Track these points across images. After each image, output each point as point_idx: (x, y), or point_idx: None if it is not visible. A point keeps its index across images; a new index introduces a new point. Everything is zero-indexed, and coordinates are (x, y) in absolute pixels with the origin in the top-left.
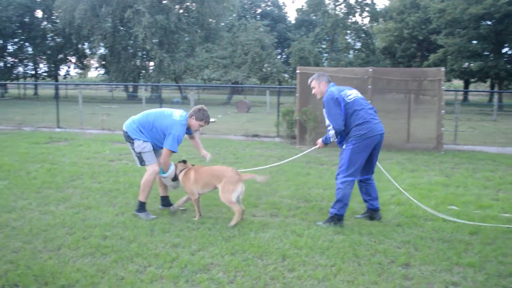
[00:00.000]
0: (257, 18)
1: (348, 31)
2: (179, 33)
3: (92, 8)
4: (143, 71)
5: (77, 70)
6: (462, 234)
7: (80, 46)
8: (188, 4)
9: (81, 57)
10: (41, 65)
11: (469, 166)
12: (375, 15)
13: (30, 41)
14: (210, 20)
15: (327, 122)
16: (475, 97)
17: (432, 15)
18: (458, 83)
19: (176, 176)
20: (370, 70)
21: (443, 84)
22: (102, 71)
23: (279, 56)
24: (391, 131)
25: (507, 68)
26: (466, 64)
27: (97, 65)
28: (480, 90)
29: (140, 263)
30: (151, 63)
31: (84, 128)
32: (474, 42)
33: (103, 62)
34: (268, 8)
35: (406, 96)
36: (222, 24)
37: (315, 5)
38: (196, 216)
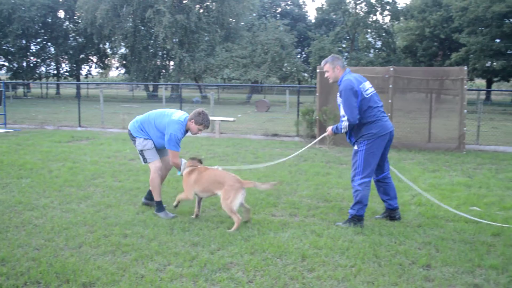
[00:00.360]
0: (277, 17)
1: (369, 30)
2: (199, 33)
3: (113, 8)
4: (163, 71)
5: (98, 70)
6: (485, 236)
7: (101, 46)
8: (208, 3)
9: (102, 57)
10: (63, 65)
11: (492, 167)
12: (396, 14)
13: (53, 41)
14: (230, 19)
15: (342, 112)
16: (498, 97)
17: (454, 13)
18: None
19: None
20: (391, 69)
21: (466, 83)
22: (123, 71)
23: (299, 55)
24: (412, 131)
25: None
26: (488, 63)
27: (118, 64)
28: (503, 89)
29: (160, 262)
30: (171, 63)
31: (105, 127)
32: (497, 40)
33: (124, 62)
34: (288, 7)
35: (427, 95)
36: (242, 23)
37: (336, 4)
38: (174, 202)
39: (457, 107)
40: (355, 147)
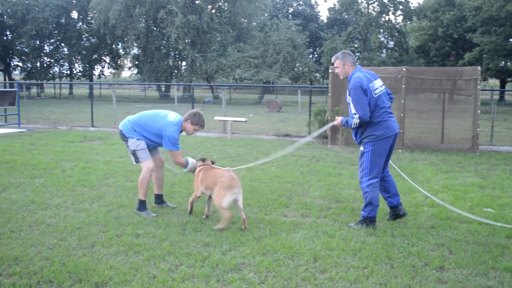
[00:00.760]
0: (289, 18)
1: (381, 30)
2: (211, 33)
3: (126, 8)
4: (176, 71)
5: (111, 70)
6: (499, 238)
7: (114, 46)
8: (220, 4)
9: (115, 57)
10: (76, 65)
11: (506, 168)
12: (408, 14)
13: (66, 42)
14: (242, 19)
15: (352, 110)
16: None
17: (468, 13)
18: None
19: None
20: (404, 69)
21: (479, 83)
22: (135, 71)
23: (311, 56)
24: (424, 132)
25: None
26: (502, 63)
27: (130, 65)
28: None
29: (172, 262)
30: (184, 63)
31: (117, 127)
32: (511, 40)
33: (136, 62)
34: (300, 7)
35: (440, 95)
36: (254, 23)
37: (348, 4)
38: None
39: (470, 108)
40: (361, 148)
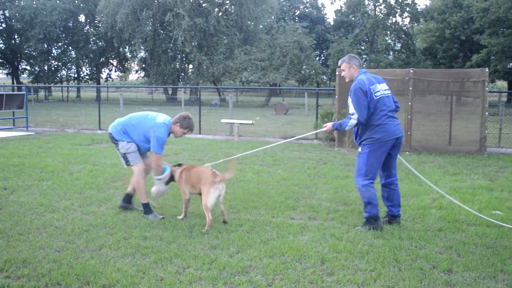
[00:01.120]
0: (296, 20)
1: (388, 32)
2: (218, 36)
3: (133, 12)
4: (182, 74)
5: (118, 73)
6: (507, 240)
7: (121, 49)
8: (227, 7)
9: (122, 60)
10: (83, 68)
11: None
12: (416, 15)
13: (73, 45)
14: (249, 22)
15: (351, 110)
16: None
17: (475, 15)
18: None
19: (169, 180)
20: (411, 71)
21: (487, 85)
22: (142, 74)
23: (318, 58)
24: (432, 134)
25: None
26: (510, 65)
27: (137, 68)
28: None
29: (179, 264)
30: (190, 66)
31: None
32: None
33: (144, 65)
34: (307, 10)
35: (447, 97)
36: (261, 26)
37: (355, 6)
38: (181, 215)
39: (478, 110)
40: (359, 150)
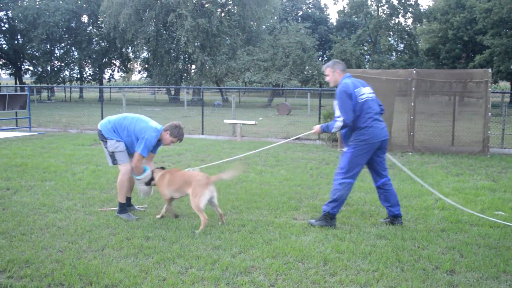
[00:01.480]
0: (299, 21)
1: (391, 33)
2: (221, 36)
3: (136, 12)
4: (185, 74)
5: (121, 74)
6: (510, 241)
7: (124, 50)
8: (230, 7)
9: (125, 61)
10: (86, 69)
11: None
12: (418, 16)
13: (76, 46)
14: (252, 23)
15: (337, 113)
16: None
17: (478, 15)
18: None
19: (150, 181)
20: (414, 72)
21: (490, 86)
22: (145, 74)
23: (321, 59)
24: (434, 134)
25: None
26: None
27: (140, 68)
28: None
29: (182, 265)
30: (193, 66)
31: None
32: None
33: (146, 66)
34: (310, 10)
35: (450, 98)
36: (264, 27)
37: (357, 7)
38: (159, 214)
39: (481, 110)
40: (344, 149)
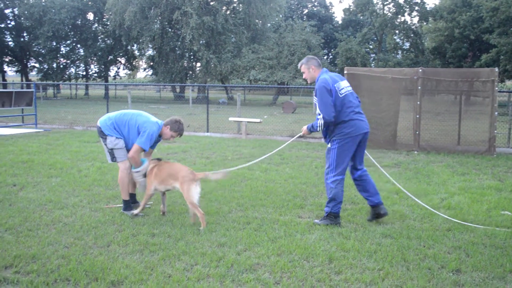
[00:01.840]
0: (304, 19)
1: (397, 31)
2: (226, 34)
3: (141, 10)
4: (190, 72)
5: (126, 71)
6: None
7: (129, 47)
8: (235, 5)
9: (130, 58)
10: (92, 66)
11: None
12: (424, 15)
13: (82, 43)
14: (257, 21)
15: (317, 111)
16: None
17: (485, 14)
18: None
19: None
20: (420, 70)
21: (497, 85)
22: (150, 72)
23: (326, 57)
24: (440, 133)
25: None
26: None
27: (145, 66)
28: None
29: (187, 261)
30: (198, 64)
31: None
32: None
33: (151, 63)
34: (315, 9)
35: (456, 97)
36: (269, 25)
37: (363, 5)
38: (136, 210)
39: (487, 109)
40: (328, 145)
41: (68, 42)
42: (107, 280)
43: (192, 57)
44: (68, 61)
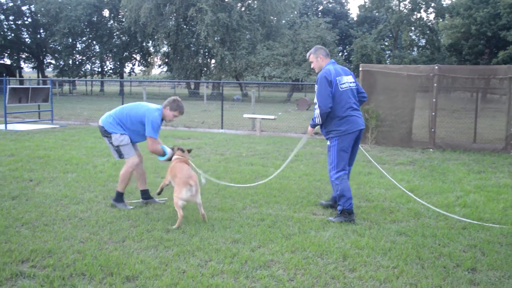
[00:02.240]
0: (319, 15)
1: (413, 28)
2: (241, 31)
3: (156, 7)
4: (205, 69)
5: (141, 68)
6: None
7: (144, 44)
8: (250, 1)
9: (145, 55)
10: (107, 63)
11: None
12: (441, 11)
13: (98, 40)
14: (272, 17)
15: (315, 99)
16: None
17: (502, 10)
18: None
19: (171, 159)
20: (436, 67)
21: None
22: (165, 69)
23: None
24: (456, 131)
25: None
26: None
27: (160, 62)
28: None
29: (202, 257)
30: (213, 61)
31: None
32: None
33: (166, 60)
34: (330, 5)
35: (472, 94)
36: (284, 21)
37: (379, 1)
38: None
39: (504, 107)
40: (328, 143)
41: (84, 38)
42: (122, 275)
43: (206, 53)
44: (84, 58)
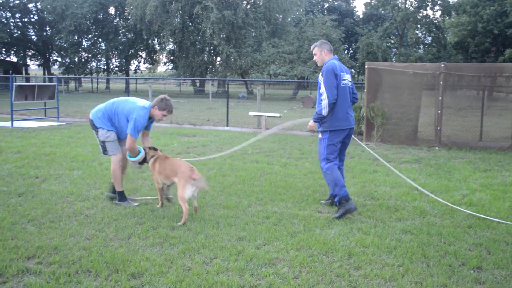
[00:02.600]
0: (325, 13)
1: (419, 26)
2: (246, 29)
3: (162, 4)
4: (210, 66)
5: (146, 65)
6: None
7: (150, 41)
8: None
9: (151, 53)
10: (113, 60)
11: None
12: (447, 9)
13: (103, 37)
14: (277, 15)
15: (321, 89)
16: None
17: (509, 8)
18: None
19: (143, 161)
20: (442, 65)
21: None
22: (170, 66)
23: (346, 51)
24: (462, 129)
25: None
26: None
27: (166, 60)
28: None
29: (207, 255)
30: (218, 58)
31: None
32: None
33: (172, 57)
34: (336, 3)
35: (479, 93)
36: (289, 19)
37: None
38: (158, 204)
39: (510, 105)
40: (319, 136)
41: (90, 36)
42: (128, 272)
43: (212, 51)
44: (90, 55)
